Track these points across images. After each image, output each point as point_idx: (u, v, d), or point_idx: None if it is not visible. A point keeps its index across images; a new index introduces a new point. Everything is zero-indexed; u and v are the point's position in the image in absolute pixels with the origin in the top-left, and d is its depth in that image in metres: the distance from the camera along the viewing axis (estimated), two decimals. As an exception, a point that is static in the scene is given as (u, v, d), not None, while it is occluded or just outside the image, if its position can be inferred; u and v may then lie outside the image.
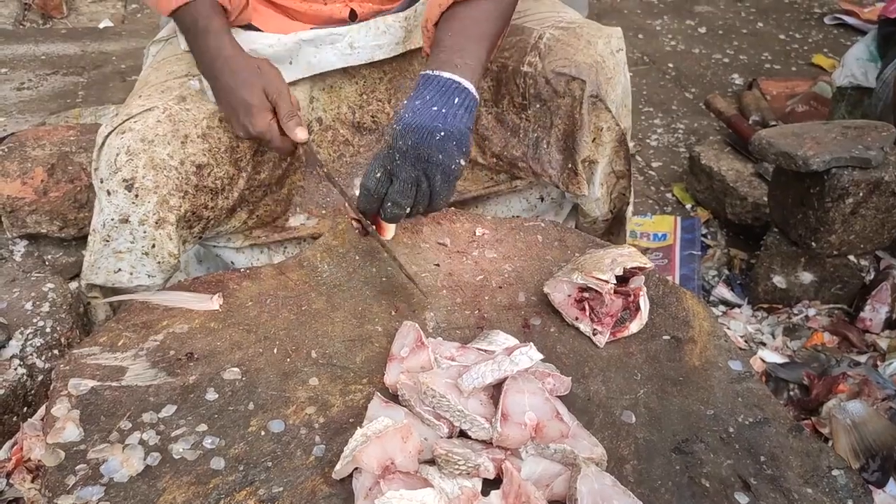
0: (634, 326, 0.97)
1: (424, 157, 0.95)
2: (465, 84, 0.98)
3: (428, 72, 0.99)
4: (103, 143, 1.09)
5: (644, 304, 0.98)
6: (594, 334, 0.95)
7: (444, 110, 0.95)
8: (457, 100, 0.97)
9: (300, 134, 1.08)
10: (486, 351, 0.86)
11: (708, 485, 0.78)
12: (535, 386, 0.79)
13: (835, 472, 0.81)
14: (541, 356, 0.81)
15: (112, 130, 1.09)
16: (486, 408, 0.78)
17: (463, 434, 0.79)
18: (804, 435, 0.86)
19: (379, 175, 0.96)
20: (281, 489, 0.73)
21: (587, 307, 0.96)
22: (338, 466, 0.73)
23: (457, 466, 0.73)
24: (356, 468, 0.73)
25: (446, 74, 0.98)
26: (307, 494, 0.73)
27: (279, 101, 1.08)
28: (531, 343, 0.82)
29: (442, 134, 0.94)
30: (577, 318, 0.97)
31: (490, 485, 0.74)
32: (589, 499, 0.72)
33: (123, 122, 1.09)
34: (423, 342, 0.85)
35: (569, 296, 0.97)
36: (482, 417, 0.77)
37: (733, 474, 0.80)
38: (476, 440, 0.77)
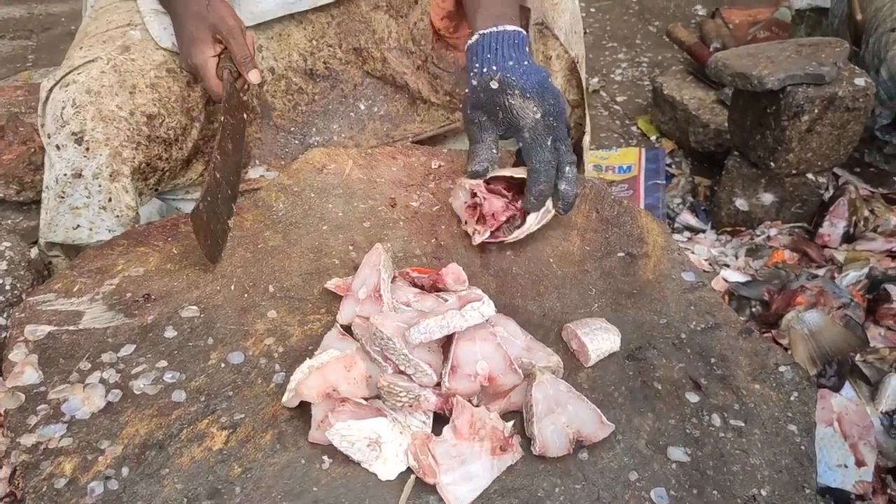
0: (519, 232, 0.97)
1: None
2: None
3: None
4: (47, 98, 1.07)
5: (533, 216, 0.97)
6: (473, 234, 0.98)
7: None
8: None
9: (252, 77, 1.07)
10: (444, 299, 0.84)
11: (660, 387, 0.81)
12: (486, 332, 0.78)
13: (781, 369, 0.84)
14: (494, 311, 0.78)
15: (55, 84, 1.07)
16: (433, 354, 0.76)
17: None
18: (753, 336, 0.88)
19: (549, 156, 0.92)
20: (243, 416, 0.75)
21: (479, 211, 0.98)
22: (284, 399, 0.74)
23: (399, 399, 0.72)
24: (313, 393, 0.74)
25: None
26: (269, 419, 0.75)
27: (231, 41, 1.06)
28: (485, 297, 0.78)
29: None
30: (465, 222, 1.00)
31: (442, 424, 0.73)
32: (544, 404, 0.74)
33: (66, 74, 1.07)
34: (380, 296, 0.82)
35: (464, 202, 1.00)
36: (426, 364, 0.75)
37: (684, 376, 0.82)
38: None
